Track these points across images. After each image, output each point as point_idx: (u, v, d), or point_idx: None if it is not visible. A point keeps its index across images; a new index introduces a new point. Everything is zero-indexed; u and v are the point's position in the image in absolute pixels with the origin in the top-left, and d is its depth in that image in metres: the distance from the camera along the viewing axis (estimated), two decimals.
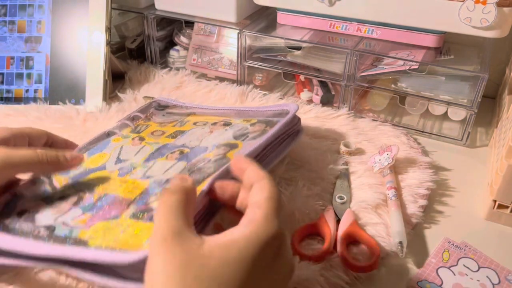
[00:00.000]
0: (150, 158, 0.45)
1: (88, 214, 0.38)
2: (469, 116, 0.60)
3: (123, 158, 0.46)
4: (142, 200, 0.38)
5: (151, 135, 0.51)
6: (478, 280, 0.41)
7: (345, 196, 0.49)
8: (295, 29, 0.70)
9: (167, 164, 0.44)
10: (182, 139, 0.48)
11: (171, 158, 0.44)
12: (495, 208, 0.48)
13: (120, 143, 0.50)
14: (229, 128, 0.49)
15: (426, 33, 0.63)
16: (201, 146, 0.46)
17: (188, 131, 0.50)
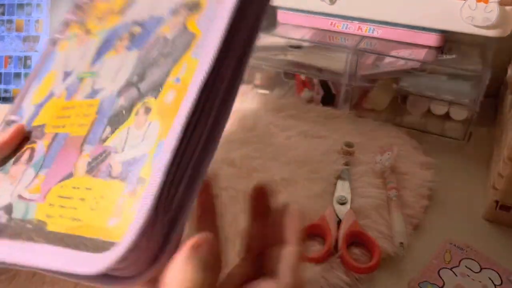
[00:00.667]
0: (97, 57, 0.35)
1: (41, 174, 0.30)
2: (471, 116, 0.60)
3: (70, 68, 0.36)
4: (94, 135, 0.29)
5: (97, 21, 0.39)
6: (480, 281, 0.41)
7: (346, 196, 0.49)
8: (296, 28, 0.69)
9: (115, 60, 0.33)
10: (131, 12, 0.37)
11: (120, 48, 0.34)
12: (497, 209, 0.48)
13: (67, 46, 0.39)
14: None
15: (428, 32, 0.62)
16: (154, 16, 0.34)
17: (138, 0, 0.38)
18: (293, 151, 0.57)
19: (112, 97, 0.31)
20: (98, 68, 0.34)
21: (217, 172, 0.52)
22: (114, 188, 0.26)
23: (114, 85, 0.31)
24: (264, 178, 0.52)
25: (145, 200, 0.23)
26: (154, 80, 0.29)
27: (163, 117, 0.26)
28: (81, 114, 0.32)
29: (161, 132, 0.26)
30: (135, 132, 0.27)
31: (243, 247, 0.30)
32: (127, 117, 0.28)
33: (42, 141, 0.32)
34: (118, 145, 0.28)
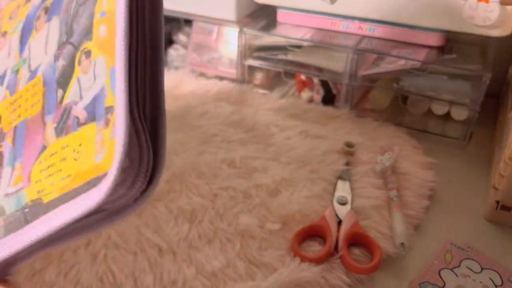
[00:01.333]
0: (22, 47, 0.35)
1: (17, 165, 0.31)
2: (472, 116, 0.59)
3: (2, 72, 0.37)
4: (50, 105, 0.30)
5: (9, 21, 0.39)
6: (480, 281, 0.41)
7: (346, 196, 0.49)
8: (296, 28, 0.69)
9: (40, 37, 0.34)
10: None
11: (41, 25, 0.34)
12: (498, 209, 0.48)
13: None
14: None
15: (428, 31, 0.62)
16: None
17: None
18: (293, 151, 0.56)
19: (51, 65, 0.31)
20: (27, 54, 0.34)
21: (217, 172, 0.52)
22: (88, 131, 0.27)
23: (49, 55, 0.32)
24: (264, 178, 0.52)
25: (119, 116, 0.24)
26: (83, 28, 0.29)
27: (104, 50, 0.27)
28: (29, 96, 0.32)
29: (108, 61, 0.27)
30: (84, 77, 0.28)
31: None
32: (72, 70, 0.29)
33: (6, 140, 0.33)
34: (75, 97, 0.29)
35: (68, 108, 0.29)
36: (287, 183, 0.51)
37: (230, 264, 0.42)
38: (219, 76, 0.76)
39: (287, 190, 0.50)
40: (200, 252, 0.43)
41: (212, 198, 0.49)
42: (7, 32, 0.38)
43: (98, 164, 0.25)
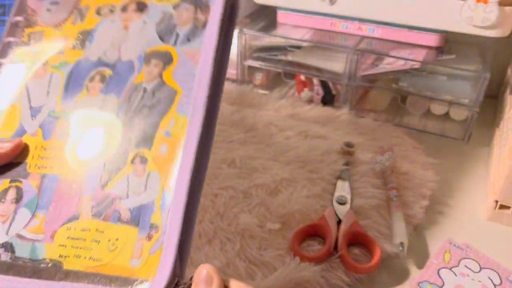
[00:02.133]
0: (66, 95, 0.35)
1: (39, 214, 0.31)
2: (471, 116, 0.60)
3: (36, 104, 0.36)
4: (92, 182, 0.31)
5: (54, 53, 0.38)
6: (479, 281, 0.41)
7: (346, 196, 0.49)
8: (296, 28, 0.69)
9: (91, 103, 0.34)
10: (94, 49, 0.37)
11: (94, 91, 0.35)
12: (497, 209, 0.48)
13: (20, 78, 0.38)
14: (146, 18, 0.37)
15: (428, 32, 0.62)
16: (123, 60, 0.35)
17: (95, 29, 0.38)
18: (293, 151, 0.57)
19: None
20: (72, 108, 0.35)
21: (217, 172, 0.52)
22: (128, 232, 0.29)
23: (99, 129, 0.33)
24: (264, 178, 0.52)
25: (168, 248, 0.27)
26: (144, 131, 0.31)
27: (161, 168, 0.30)
28: (69, 158, 0.33)
29: (163, 181, 0.30)
30: (136, 179, 0.30)
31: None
32: (123, 165, 0.31)
33: (29, 181, 0.33)
34: (121, 191, 0.30)
35: (111, 198, 0.30)
36: (287, 183, 0.51)
37: (230, 263, 0.42)
38: None
39: (287, 190, 0.50)
40: (200, 251, 0.43)
41: (212, 198, 0.49)
42: (48, 63, 0.37)
43: (133, 268, 0.28)
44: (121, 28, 0.37)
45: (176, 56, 0.34)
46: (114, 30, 0.37)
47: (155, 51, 0.35)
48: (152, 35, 0.36)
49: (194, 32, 0.35)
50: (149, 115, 0.32)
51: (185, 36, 0.35)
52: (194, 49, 0.34)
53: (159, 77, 0.34)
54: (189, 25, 0.35)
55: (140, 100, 0.33)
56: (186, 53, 0.34)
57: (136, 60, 0.35)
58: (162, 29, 0.36)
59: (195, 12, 0.36)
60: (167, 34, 0.36)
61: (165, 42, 0.35)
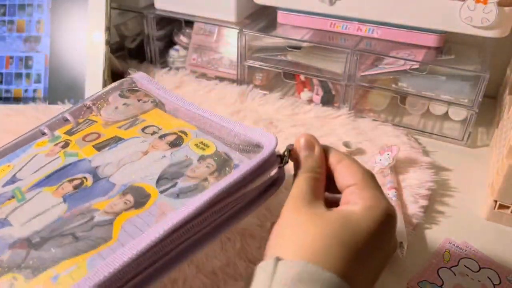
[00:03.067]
0: (42, 183, 0.33)
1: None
2: (470, 116, 0.60)
3: (18, 176, 0.35)
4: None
5: (80, 141, 0.38)
6: (479, 280, 0.41)
7: None
8: (296, 29, 0.70)
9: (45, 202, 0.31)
10: (104, 155, 0.36)
11: (59, 193, 0.32)
12: (496, 209, 0.48)
13: (39, 149, 0.38)
14: (169, 154, 0.35)
15: (427, 32, 0.62)
16: (110, 180, 0.33)
17: (126, 140, 0.37)
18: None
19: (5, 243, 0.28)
20: (30, 196, 0.32)
21: None
22: None
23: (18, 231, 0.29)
24: None
25: None
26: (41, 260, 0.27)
27: None
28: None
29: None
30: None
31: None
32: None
33: None
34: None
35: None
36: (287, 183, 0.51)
37: (231, 263, 0.42)
38: (220, 77, 0.76)
39: (287, 189, 0.50)
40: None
41: None
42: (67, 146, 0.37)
43: None
44: (141, 151, 0.35)
45: (151, 203, 0.30)
46: (134, 149, 0.36)
47: (140, 187, 0.32)
48: (156, 171, 0.33)
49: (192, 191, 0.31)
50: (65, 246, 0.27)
51: (179, 190, 0.31)
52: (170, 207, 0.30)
53: (114, 215, 0.29)
54: (194, 181, 0.32)
55: (76, 226, 0.29)
56: (161, 207, 0.30)
57: (118, 186, 0.32)
58: (169, 172, 0.33)
59: (213, 172, 0.33)
60: (167, 179, 0.32)
61: (158, 185, 0.32)
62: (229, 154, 0.35)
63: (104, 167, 0.34)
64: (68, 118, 0.41)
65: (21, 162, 0.37)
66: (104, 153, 0.36)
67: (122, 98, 0.43)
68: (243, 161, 0.34)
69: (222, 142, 0.36)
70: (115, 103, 0.42)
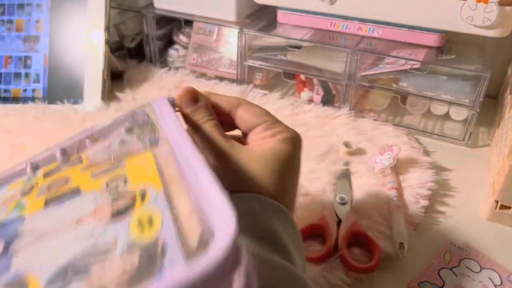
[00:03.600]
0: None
1: None
2: (471, 116, 0.60)
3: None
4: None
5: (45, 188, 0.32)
6: (480, 281, 0.41)
7: (345, 196, 0.49)
8: (296, 28, 0.69)
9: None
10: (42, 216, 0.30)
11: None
12: (497, 209, 0.48)
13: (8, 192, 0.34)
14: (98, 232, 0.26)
15: (428, 32, 0.62)
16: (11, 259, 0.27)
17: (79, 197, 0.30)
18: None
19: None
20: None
21: None
22: None
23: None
24: None
25: None
26: None
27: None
28: None
29: None
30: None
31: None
32: None
33: None
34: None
35: None
36: None
37: None
38: (219, 77, 0.76)
39: None
40: None
41: None
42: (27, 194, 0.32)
43: None
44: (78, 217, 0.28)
45: None
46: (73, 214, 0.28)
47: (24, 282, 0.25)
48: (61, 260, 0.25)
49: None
50: None
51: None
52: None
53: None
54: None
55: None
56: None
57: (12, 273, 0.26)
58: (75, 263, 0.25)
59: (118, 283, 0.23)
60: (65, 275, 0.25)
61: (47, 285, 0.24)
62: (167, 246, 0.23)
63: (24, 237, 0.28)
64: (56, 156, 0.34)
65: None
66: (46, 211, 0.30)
67: (126, 133, 0.35)
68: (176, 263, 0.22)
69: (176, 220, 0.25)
70: (113, 139, 0.35)
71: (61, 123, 0.62)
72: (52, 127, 0.61)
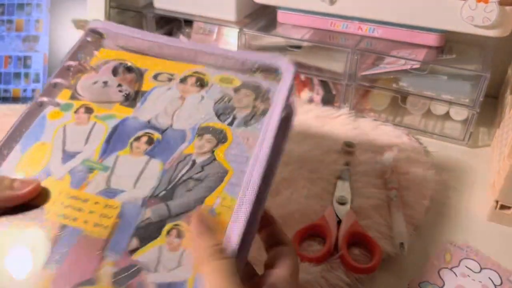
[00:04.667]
0: (108, 149, 0.34)
1: (48, 268, 0.28)
2: (471, 116, 0.60)
3: (71, 149, 0.34)
4: (118, 243, 0.29)
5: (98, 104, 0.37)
6: (480, 281, 0.41)
7: (345, 196, 0.49)
8: (296, 28, 0.69)
9: (134, 163, 0.33)
10: (145, 110, 0.36)
11: (138, 151, 0.34)
12: (497, 209, 0.48)
13: (60, 120, 0.36)
14: (205, 94, 0.37)
15: (428, 32, 0.62)
16: (174, 128, 0.35)
17: (150, 92, 0.37)
18: (293, 151, 0.57)
19: (136, 205, 0.30)
20: (110, 163, 0.33)
21: None
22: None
23: (136, 192, 0.31)
24: None
25: None
26: (186, 204, 0.30)
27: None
28: (98, 212, 0.30)
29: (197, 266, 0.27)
30: (168, 254, 0.28)
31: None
32: (157, 234, 0.29)
33: (44, 225, 0.30)
34: (150, 263, 0.28)
35: (137, 269, 0.27)
36: (287, 183, 0.51)
37: None
38: None
39: (286, 190, 0.50)
40: None
41: None
42: (92, 111, 0.36)
43: None
44: (177, 97, 0.37)
45: (231, 136, 0.34)
46: (169, 97, 0.37)
47: (210, 126, 0.35)
48: (209, 111, 0.36)
49: (252, 117, 0.35)
50: (194, 188, 0.31)
51: (242, 119, 0.35)
52: (249, 133, 0.34)
53: (211, 153, 0.33)
54: (248, 110, 0.35)
55: (187, 171, 0.32)
56: (242, 135, 0.34)
57: (188, 131, 0.35)
58: (220, 108, 0.36)
59: (255, 99, 0.36)
60: (224, 113, 0.35)
61: (222, 120, 0.35)
62: (255, 80, 0.37)
63: (156, 119, 0.35)
64: (61, 83, 0.38)
65: (54, 137, 0.35)
66: (139, 108, 0.36)
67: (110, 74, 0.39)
68: (272, 85, 0.36)
69: (240, 73, 0.38)
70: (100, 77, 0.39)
71: None
72: None
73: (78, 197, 0.31)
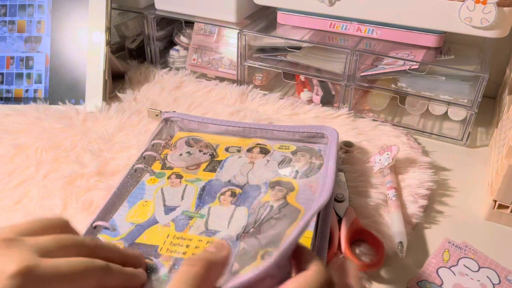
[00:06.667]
0: (200, 203, 0.42)
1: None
2: (469, 116, 0.60)
3: (171, 204, 0.43)
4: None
5: (186, 170, 0.47)
6: (478, 280, 0.41)
7: (343, 193, 0.49)
8: (295, 29, 0.70)
9: (224, 211, 0.41)
10: (224, 173, 0.46)
11: (225, 202, 0.42)
12: (496, 208, 0.48)
13: (157, 184, 0.46)
14: (270, 158, 0.47)
15: (426, 33, 0.62)
16: (251, 184, 0.44)
17: (225, 160, 0.48)
18: None
19: (232, 240, 0.37)
20: (205, 212, 0.41)
21: None
22: None
23: (231, 231, 0.39)
24: None
25: None
26: (272, 235, 0.35)
27: None
28: (202, 246, 0.37)
29: None
30: None
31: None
32: (253, 260, 0.33)
33: (160, 260, 0.36)
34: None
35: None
36: None
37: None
38: (220, 77, 0.76)
39: None
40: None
41: None
42: (182, 177, 0.46)
43: None
44: (247, 162, 0.47)
45: (297, 185, 0.42)
46: (242, 163, 0.47)
47: (278, 180, 0.43)
48: (275, 170, 0.45)
49: (311, 171, 0.44)
50: (276, 224, 0.37)
51: (303, 173, 0.44)
52: (312, 181, 0.43)
53: (283, 199, 0.41)
54: (306, 166, 0.45)
55: (268, 213, 0.39)
56: (305, 183, 0.42)
57: (262, 185, 0.43)
58: (283, 167, 0.45)
59: (310, 157, 0.47)
60: (288, 170, 0.45)
61: (287, 175, 0.44)
62: (306, 145, 0.49)
63: (235, 178, 0.45)
64: (154, 155, 0.50)
65: (154, 196, 0.44)
66: (220, 172, 0.46)
67: (187, 146, 0.52)
68: (320, 146, 0.48)
69: (293, 141, 0.50)
70: (181, 150, 0.51)
71: (62, 124, 0.62)
72: (53, 127, 0.61)
73: (184, 237, 0.39)
